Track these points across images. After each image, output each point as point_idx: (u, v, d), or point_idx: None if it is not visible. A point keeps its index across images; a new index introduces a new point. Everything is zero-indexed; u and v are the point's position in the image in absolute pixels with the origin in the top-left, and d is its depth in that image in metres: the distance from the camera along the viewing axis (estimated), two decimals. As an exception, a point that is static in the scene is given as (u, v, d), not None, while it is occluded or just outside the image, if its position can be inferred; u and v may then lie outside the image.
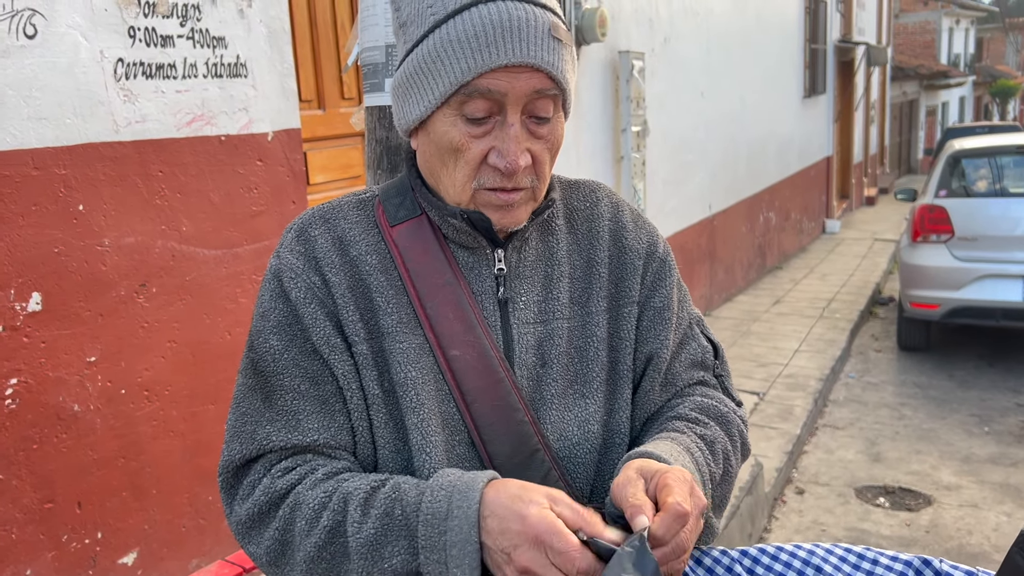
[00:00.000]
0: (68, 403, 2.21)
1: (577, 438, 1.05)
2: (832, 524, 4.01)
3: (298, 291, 1.01)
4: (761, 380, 5.66)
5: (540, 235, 1.10)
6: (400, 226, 1.06)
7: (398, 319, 1.02)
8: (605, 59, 5.35)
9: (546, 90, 0.95)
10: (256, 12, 2.72)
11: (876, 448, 4.90)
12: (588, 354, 1.08)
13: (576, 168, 5.05)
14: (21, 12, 2.05)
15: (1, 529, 2.05)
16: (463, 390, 1.01)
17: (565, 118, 1.03)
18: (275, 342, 1.01)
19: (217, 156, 2.60)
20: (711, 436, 1.07)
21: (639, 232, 1.16)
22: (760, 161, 8.78)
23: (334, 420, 1.01)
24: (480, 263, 1.05)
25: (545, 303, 1.07)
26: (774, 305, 7.84)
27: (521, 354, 1.04)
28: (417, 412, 1.00)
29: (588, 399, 1.07)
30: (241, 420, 1.02)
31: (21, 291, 2.09)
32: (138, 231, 2.37)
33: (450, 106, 0.96)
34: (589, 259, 1.12)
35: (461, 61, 0.93)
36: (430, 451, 0.99)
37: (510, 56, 0.92)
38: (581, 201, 1.16)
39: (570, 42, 0.98)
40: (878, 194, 16.14)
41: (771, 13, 8.89)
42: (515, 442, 1.01)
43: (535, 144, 0.98)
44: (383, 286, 1.03)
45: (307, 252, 1.03)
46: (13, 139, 2.06)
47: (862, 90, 14.27)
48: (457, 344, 1.01)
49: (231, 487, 1.01)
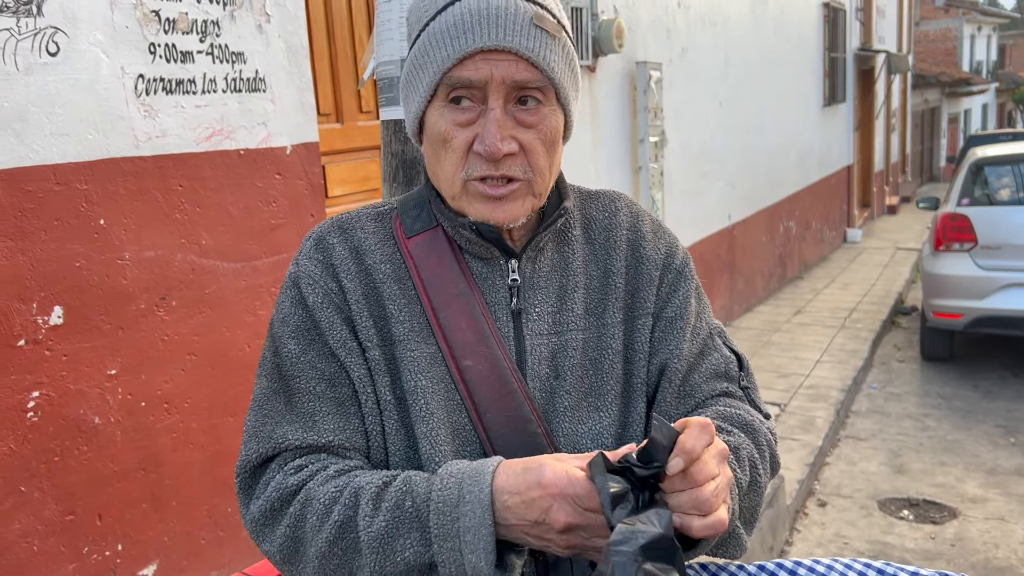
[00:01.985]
0: (89, 416, 2.23)
1: (590, 451, 1.03)
2: (855, 537, 3.96)
3: (315, 296, 1.03)
4: (782, 391, 5.62)
5: (555, 245, 1.10)
6: (416, 237, 1.06)
7: (410, 327, 1.02)
8: (622, 70, 5.35)
9: (529, 82, 0.95)
10: (274, 27, 2.74)
11: (899, 460, 4.84)
12: (603, 366, 1.07)
13: (595, 179, 5.04)
14: (44, 30, 2.08)
15: (23, 541, 2.07)
16: (475, 400, 1.01)
17: (566, 117, 1.02)
18: (293, 346, 1.03)
19: (236, 170, 2.62)
20: (735, 443, 1.03)
21: (658, 242, 1.15)
22: (780, 170, 8.74)
23: (349, 422, 1.01)
24: (494, 273, 1.05)
25: (559, 314, 1.07)
26: (795, 315, 7.78)
27: (534, 365, 1.04)
28: (427, 421, 1.00)
29: (602, 412, 1.06)
30: (260, 421, 1.03)
31: (43, 305, 2.11)
32: (158, 245, 2.39)
33: (438, 98, 0.97)
34: (605, 270, 1.11)
35: (441, 50, 0.95)
36: (439, 461, 0.99)
37: (485, 39, 0.93)
38: (600, 211, 1.15)
39: (560, 35, 0.97)
40: (900, 203, 16.00)
41: (789, 22, 8.86)
42: (527, 453, 1.00)
43: (524, 133, 0.97)
44: (395, 294, 1.04)
45: (325, 259, 1.04)
46: (36, 155, 2.09)
47: (883, 98, 14.18)
48: (470, 354, 1.01)
49: (248, 487, 1.02)
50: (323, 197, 3.00)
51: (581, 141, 4.89)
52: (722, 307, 7.16)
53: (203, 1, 2.48)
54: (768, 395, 5.52)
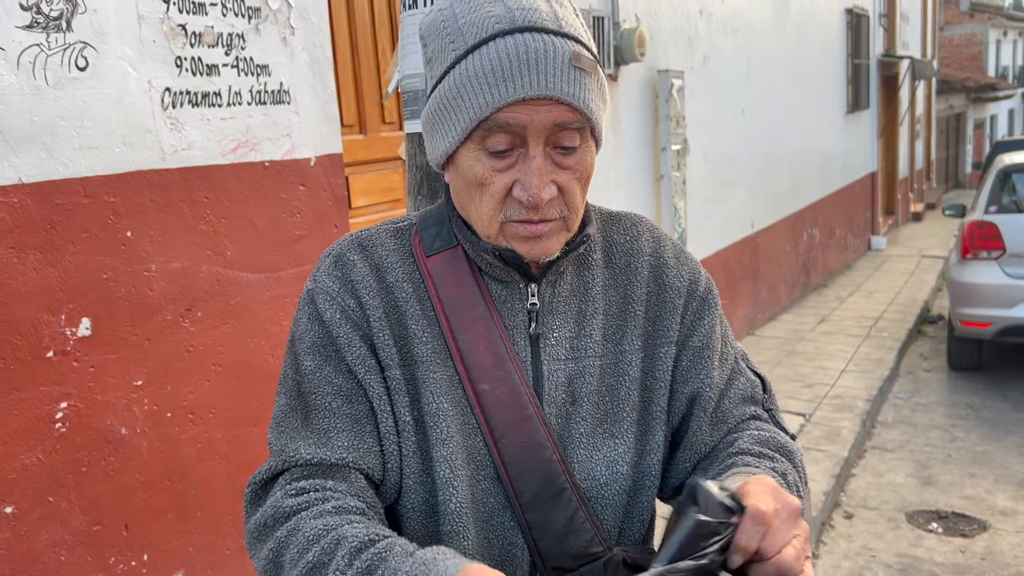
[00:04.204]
0: (115, 426, 2.24)
1: (605, 478, 1.03)
2: (882, 550, 3.91)
3: (332, 312, 1.02)
4: (807, 401, 5.56)
5: (575, 269, 1.08)
6: (435, 256, 1.05)
7: (432, 348, 1.01)
8: (644, 78, 5.34)
9: (569, 123, 0.93)
10: (299, 40, 2.76)
11: (927, 471, 4.78)
12: (619, 393, 1.06)
13: (615, 188, 5.03)
14: (73, 45, 2.11)
15: (51, 551, 2.08)
16: (491, 425, 1.00)
17: (597, 147, 1.01)
18: (309, 362, 1.02)
19: (261, 182, 2.64)
20: (782, 469, 1.03)
21: (680, 269, 1.13)
22: (803, 178, 8.68)
23: (364, 440, 1.00)
24: (513, 297, 1.04)
25: (577, 339, 1.06)
26: (819, 324, 7.71)
27: (551, 391, 1.03)
28: (446, 445, 0.99)
29: (617, 439, 1.05)
30: (277, 437, 1.02)
31: (71, 316, 2.13)
32: (184, 256, 2.41)
33: (473, 140, 0.95)
34: (626, 295, 1.09)
35: (479, 96, 0.92)
36: (457, 485, 0.99)
37: (528, 89, 0.90)
38: (621, 235, 1.13)
39: (595, 70, 0.95)
40: (925, 210, 15.83)
41: (812, 29, 8.81)
42: (542, 480, 1.00)
43: (562, 175, 0.96)
44: (418, 315, 1.02)
45: (344, 276, 1.03)
46: (65, 168, 2.11)
47: (907, 104, 14.05)
48: (487, 378, 1.00)
49: (254, 499, 1.02)
50: (346, 208, 3.01)
51: (602, 150, 4.88)
52: (745, 315, 7.11)
53: (229, 15, 2.51)
54: (793, 405, 5.46)
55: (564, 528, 1.00)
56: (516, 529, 1.01)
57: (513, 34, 0.91)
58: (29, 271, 2.03)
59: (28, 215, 2.03)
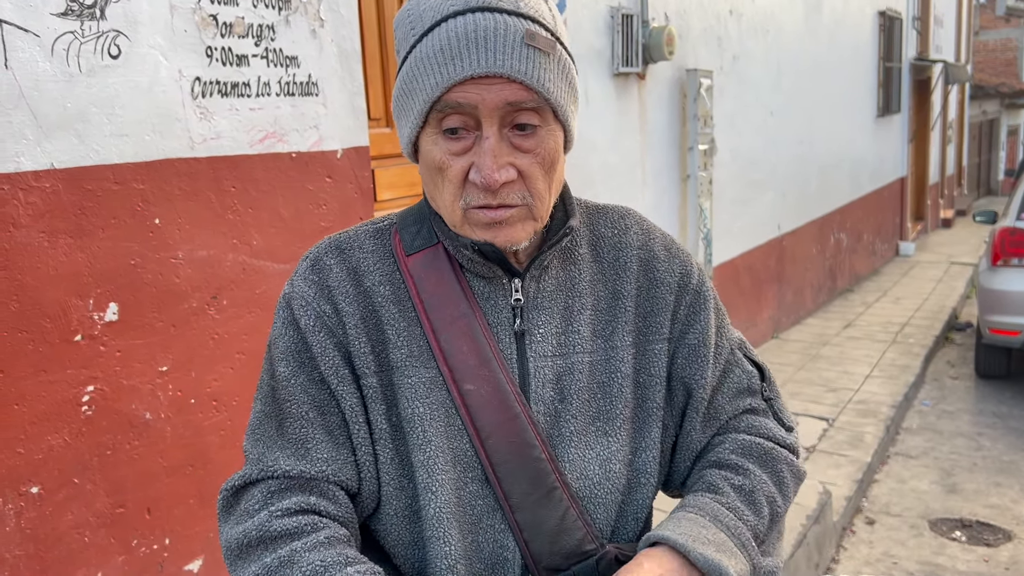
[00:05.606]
0: (140, 411, 2.27)
1: (598, 477, 1.02)
2: (904, 557, 3.86)
3: (307, 319, 1.00)
4: (831, 405, 5.51)
5: (561, 264, 1.06)
6: (416, 255, 1.03)
7: (408, 352, 1.00)
8: (672, 77, 5.31)
9: (522, 102, 0.90)
10: (328, 32, 2.78)
11: (952, 479, 4.72)
12: (611, 390, 1.04)
13: (641, 186, 5.01)
14: (107, 33, 2.13)
15: (75, 532, 2.11)
16: (477, 425, 0.98)
17: (567, 133, 0.98)
18: (283, 369, 1.01)
19: (288, 172, 2.66)
20: (750, 485, 1.03)
21: (671, 263, 1.11)
22: (831, 181, 8.60)
23: (340, 452, 0.99)
24: (496, 293, 1.02)
25: (565, 335, 1.04)
26: (845, 329, 7.63)
27: (537, 388, 1.01)
28: (423, 449, 0.98)
29: (610, 437, 1.03)
30: (253, 444, 1.01)
31: (99, 301, 2.16)
32: (210, 245, 2.43)
33: (430, 125, 0.93)
34: (615, 290, 1.07)
35: (430, 77, 0.90)
36: (436, 490, 0.97)
37: (475, 67, 0.88)
38: (608, 228, 1.11)
39: (552, 50, 0.92)
40: (955, 216, 15.62)
41: (844, 31, 8.72)
42: (531, 479, 0.98)
43: (521, 158, 0.93)
44: (395, 318, 1.01)
45: (320, 281, 1.02)
46: (96, 155, 2.14)
47: (939, 109, 13.87)
48: (471, 378, 0.98)
49: (228, 507, 1.01)
50: (372, 201, 3.03)
51: (629, 148, 4.87)
52: (770, 318, 7.06)
53: (259, 6, 2.52)
54: (816, 409, 5.42)
55: (555, 528, 0.99)
56: (507, 531, 0.99)
57: (465, 14, 0.89)
58: (59, 255, 2.06)
59: (59, 200, 2.06)
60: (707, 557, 0.92)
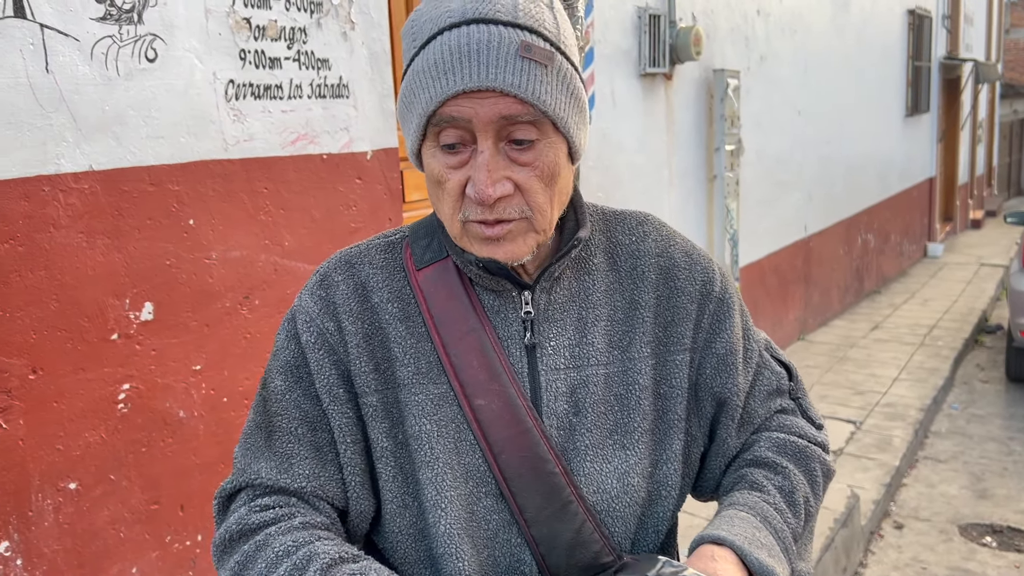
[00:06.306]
0: (174, 409, 2.30)
1: (616, 491, 1.01)
2: (933, 562, 3.83)
3: (309, 335, 1.01)
4: (858, 408, 5.47)
5: (574, 274, 1.04)
6: (426, 269, 1.03)
7: (415, 369, 1.00)
8: (699, 78, 5.29)
9: (517, 115, 0.88)
10: (358, 35, 2.80)
11: (982, 484, 4.66)
12: (629, 403, 1.03)
13: (668, 186, 5.00)
14: (144, 37, 2.17)
15: (111, 528, 2.15)
16: (489, 441, 0.98)
17: (571, 145, 0.95)
18: (280, 382, 1.02)
19: (319, 174, 2.68)
20: (790, 486, 1.04)
21: (692, 270, 1.08)
22: (859, 181, 8.52)
23: (325, 469, 1.00)
24: (506, 306, 1.01)
25: (578, 347, 1.02)
26: (872, 331, 7.56)
27: (550, 402, 1.00)
28: (431, 467, 0.98)
29: (629, 450, 1.02)
30: (242, 453, 1.03)
31: (135, 301, 2.19)
32: (243, 245, 2.46)
33: (429, 138, 0.93)
34: (632, 300, 1.05)
35: (425, 91, 0.89)
36: (445, 507, 0.97)
37: (467, 81, 0.86)
38: (626, 235, 1.09)
39: (551, 61, 0.89)
40: (984, 217, 15.42)
41: (872, 30, 8.64)
42: (545, 493, 0.97)
43: (519, 172, 0.91)
44: (402, 335, 1.01)
45: (326, 297, 1.02)
46: (133, 156, 2.17)
47: (969, 108, 13.70)
48: (482, 393, 0.98)
49: (222, 510, 1.04)
50: (401, 202, 3.05)
51: (655, 148, 4.86)
52: (796, 320, 7.02)
53: (292, 9, 2.55)
54: (843, 412, 5.38)
55: (572, 541, 0.98)
56: (523, 545, 0.99)
57: (460, 27, 0.88)
58: (97, 256, 2.10)
59: (97, 201, 2.09)
60: (762, 562, 0.93)
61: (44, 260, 1.99)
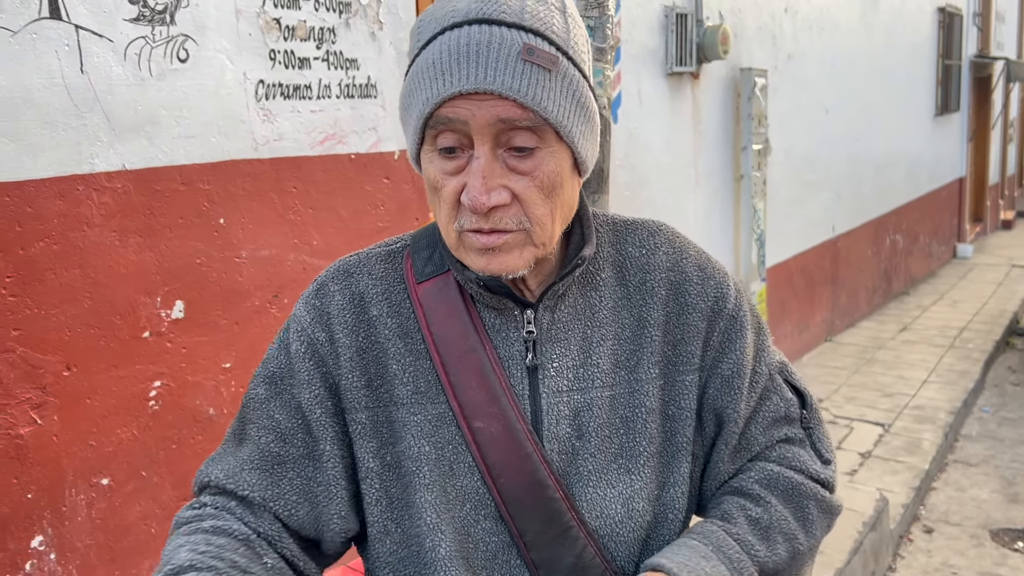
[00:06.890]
0: (204, 406, 2.33)
1: (620, 516, 0.98)
2: (964, 567, 3.77)
3: (299, 345, 0.98)
4: (886, 411, 5.40)
5: (580, 290, 1.00)
6: (427, 283, 0.99)
7: (414, 388, 0.97)
8: (726, 76, 5.26)
9: (516, 120, 0.84)
10: (386, 35, 2.81)
11: (1014, 488, 4.59)
12: (635, 426, 0.99)
13: (695, 186, 4.98)
14: (176, 38, 2.19)
15: (142, 523, 2.17)
16: (488, 464, 0.95)
17: (576, 153, 0.91)
18: (261, 391, 1.00)
19: (347, 173, 2.70)
20: (768, 519, 0.99)
21: (705, 286, 1.03)
22: (887, 181, 8.42)
23: (278, 485, 0.97)
24: (508, 326, 0.97)
25: (583, 369, 0.98)
26: (900, 332, 7.48)
27: (551, 426, 0.96)
28: (430, 490, 0.95)
29: (634, 475, 0.98)
30: (214, 454, 1.03)
31: (167, 299, 2.21)
32: (272, 244, 2.48)
33: (428, 142, 0.89)
34: (640, 318, 1.00)
35: (423, 92, 0.86)
36: (444, 530, 0.95)
37: (463, 83, 0.83)
38: (636, 247, 1.03)
39: (555, 66, 0.85)
40: (1015, 217, 15.18)
41: (901, 28, 8.54)
42: (546, 519, 0.95)
43: (517, 181, 0.87)
44: (401, 352, 0.97)
45: (321, 307, 0.99)
46: (164, 156, 2.19)
47: (1000, 107, 13.50)
48: (481, 415, 0.95)
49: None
50: (427, 202, 3.05)
51: (682, 148, 4.83)
52: (824, 321, 6.95)
53: (321, 9, 2.57)
54: (872, 414, 5.32)
55: (572, 565, 0.96)
56: (523, 567, 0.97)
57: (462, 26, 0.84)
58: (129, 254, 2.12)
59: (130, 200, 2.12)
60: None
61: (78, 258, 2.01)
